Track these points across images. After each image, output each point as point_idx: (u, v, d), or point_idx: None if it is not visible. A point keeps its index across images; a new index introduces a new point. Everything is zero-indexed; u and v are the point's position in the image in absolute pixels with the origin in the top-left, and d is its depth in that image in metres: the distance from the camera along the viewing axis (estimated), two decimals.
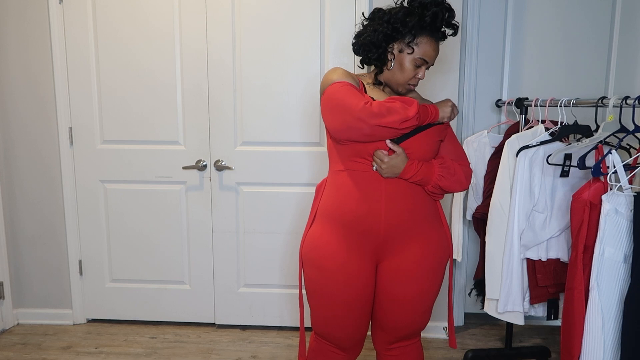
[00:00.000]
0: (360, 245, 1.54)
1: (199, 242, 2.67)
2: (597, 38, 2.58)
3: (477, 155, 2.45)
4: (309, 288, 1.62)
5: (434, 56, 1.54)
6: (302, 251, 1.64)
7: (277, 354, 2.46)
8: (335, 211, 1.56)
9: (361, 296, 1.57)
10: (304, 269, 1.64)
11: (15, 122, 2.62)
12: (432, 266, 1.58)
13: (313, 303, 1.63)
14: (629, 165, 1.57)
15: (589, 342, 1.50)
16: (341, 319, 1.59)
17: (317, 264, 1.57)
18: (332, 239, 1.55)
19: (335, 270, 1.54)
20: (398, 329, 1.62)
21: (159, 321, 2.78)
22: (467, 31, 2.52)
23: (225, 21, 2.46)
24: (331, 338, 1.64)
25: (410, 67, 1.52)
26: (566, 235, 1.98)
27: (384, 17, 1.52)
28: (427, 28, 1.49)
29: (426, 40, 1.51)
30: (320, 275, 1.57)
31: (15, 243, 2.72)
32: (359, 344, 1.68)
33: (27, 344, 2.55)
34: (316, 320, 1.65)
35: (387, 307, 1.59)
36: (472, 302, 2.73)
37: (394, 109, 1.40)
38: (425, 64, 1.53)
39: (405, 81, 1.55)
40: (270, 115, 2.52)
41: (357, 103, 1.40)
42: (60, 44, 2.53)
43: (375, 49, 1.53)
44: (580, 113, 2.11)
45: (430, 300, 1.62)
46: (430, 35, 1.51)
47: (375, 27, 1.52)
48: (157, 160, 2.61)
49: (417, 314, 1.60)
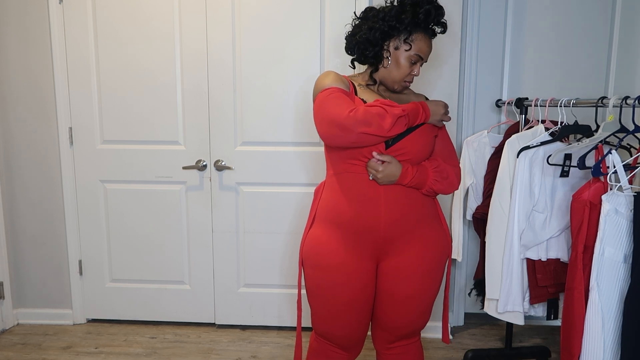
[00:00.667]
0: (359, 246, 1.54)
1: (199, 242, 2.67)
2: (597, 38, 2.58)
3: (477, 155, 2.45)
4: (310, 288, 1.63)
5: (428, 52, 1.57)
6: (302, 252, 1.65)
7: (277, 354, 2.46)
8: (334, 214, 1.57)
9: (361, 295, 1.57)
10: (305, 269, 1.65)
11: (15, 122, 2.62)
12: (431, 265, 1.58)
13: (314, 303, 1.64)
14: (629, 165, 1.57)
15: (589, 342, 1.50)
16: (341, 318, 1.59)
17: (317, 264, 1.58)
18: (332, 240, 1.56)
19: (334, 269, 1.55)
20: (398, 328, 1.62)
21: (159, 321, 2.78)
22: (467, 31, 2.52)
23: (225, 21, 2.46)
24: (332, 337, 1.64)
25: (406, 63, 1.55)
26: (566, 235, 1.98)
27: (378, 15, 1.54)
28: (420, 25, 1.52)
29: (420, 37, 1.53)
30: (321, 275, 1.58)
31: (15, 243, 2.72)
32: (359, 344, 1.68)
33: (27, 344, 2.55)
34: (317, 320, 1.65)
35: (386, 306, 1.60)
36: (472, 302, 2.73)
37: (378, 116, 1.40)
38: (420, 60, 1.56)
39: (401, 78, 1.57)
40: (270, 115, 2.52)
41: (342, 112, 1.41)
42: (60, 44, 2.53)
43: (372, 46, 1.55)
44: (580, 113, 2.11)
45: (430, 299, 1.63)
46: (424, 32, 1.54)
47: (371, 25, 1.54)
48: (157, 160, 2.61)
49: (416, 313, 1.61)
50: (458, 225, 2.47)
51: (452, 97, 2.42)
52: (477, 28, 2.56)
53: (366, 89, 1.61)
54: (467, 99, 2.59)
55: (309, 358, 1.73)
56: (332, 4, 2.42)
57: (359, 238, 1.54)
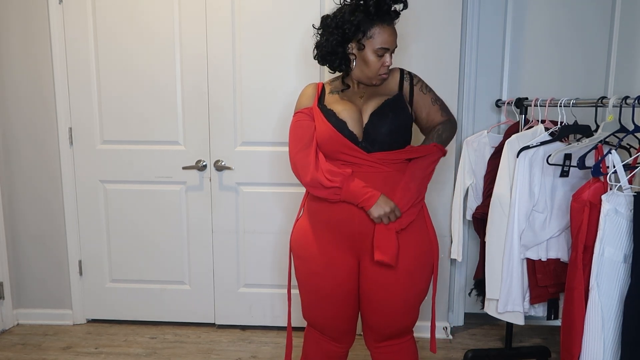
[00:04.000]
0: (337, 239, 1.59)
1: (199, 242, 2.67)
2: (597, 38, 2.58)
3: (477, 155, 2.45)
4: (297, 278, 1.71)
5: (392, 41, 1.56)
6: (290, 242, 1.73)
7: (277, 354, 2.45)
8: (315, 207, 1.63)
9: (343, 287, 1.61)
10: (293, 260, 1.72)
11: (15, 122, 2.62)
12: (410, 267, 1.57)
13: (301, 292, 1.71)
14: (629, 165, 1.57)
15: (589, 342, 1.50)
16: (325, 308, 1.65)
17: (301, 254, 1.66)
18: (315, 231, 1.62)
19: (314, 259, 1.61)
20: (382, 328, 1.64)
21: (159, 321, 2.78)
22: (467, 31, 2.52)
23: (225, 21, 2.46)
24: (319, 327, 1.70)
25: (374, 59, 1.55)
26: (566, 235, 1.98)
27: (331, 24, 1.55)
28: (374, 19, 1.51)
29: (379, 30, 1.52)
30: (304, 264, 1.65)
31: (15, 243, 2.72)
32: (349, 335, 1.72)
33: (27, 344, 2.55)
34: (305, 309, 1.73)
35: (368, 306, 1.63)
36: (472, 302, 2.73)
37: (304, 176, 1.58)
38: (387, 51, 1.55)
39: (375, 74, 1.58)
40: (270, 115, 2.52)
41: (293, 152, 1.63)
42: (60, 44, 2.53)
43: (335, 56, 1.58)
44: (580, 113, 2.11)
45: (413, 299, 1.61)
46: (380, 22, 1.52)
47: (327, 37, 1.57)
48: (157, 161, 2.61)
49: (397, 314, 1.60)
50: (458, 225, 2.46)
51: (452, 97, 2.41)
52: (477, 28, 2.56)
53: (334, 95, 1.65)
54: (467, 99, 2.59)
55: (303, 348, 1.80)
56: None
57: (337, 231, 1.58)
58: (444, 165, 2.50)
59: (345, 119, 1.56)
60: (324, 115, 1.58)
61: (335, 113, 1.58)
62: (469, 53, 2.54)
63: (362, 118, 1.58)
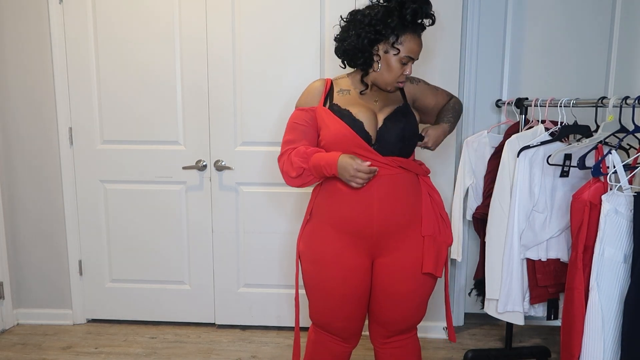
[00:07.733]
0: (354, 243, 1.59)
1: (198, 242, 2.67)
2: (597, 38, 2.58)
3: (477, 155, 2.45)
4: (307, 282, 1.69)
5: (418, 51, 1.57)
6: (298, 247, 1.71)
7: (277, 354, 2.46)
8: (329, 214, 1.61)
9: (357, 290, 1.62)
10: (302, 264, 1.70)
11: (15, 122, 2.62)
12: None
13: (311, 296, 1.69)
14: (629, 165, 1.57)
15: (589, 342, 1.50)
16: (338, 311, 1.64)
17: (314, 259, 1.64)
18: (328, 236, 1.61)
19: (331, 264, 1.60)
20: (393, 324, 1.66)
21: (158, 321, 2.78)
22: (467, 31, 2.52)
23: (225, 21, 2.46)
24: (330, 329, 1.70)
25: (397, 65, 1.55)
26: (566, 235, 1.98)
27: (364, 20, 1.53)
28: (408, 26, 1.51)
29: (409, 38, 1.53)
30: (318, 269, 1.63)
31: (15, 243, 2.72)
32: (357, 333, 1.73)
33: (27, 344, 2.55)
34: (315, 313, 1.71)
35: (382, 302, 1.64)
36: (472, 302, 2.73)
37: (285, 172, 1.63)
38: (411, 60, 1.57)
39: (393, 80, 1.58)
40: (270, 115, 2.52)
41: (281, 154, 1.64)
42: (60, 44, 2.53)
43: (361, 54, 1.56)
44: (580, 113, 2.11)
45: (425, 295, 1.66)
46: (412, 32, 1.53)
47: (358, 32, 1.53)
48: (157, 161, 2.61)
49: (411, 309, 1.65)
50: (458, 225, 2.46)
51: None
52: (477, 28, 2.56)
53: (345, 96, 1.62)
54: (467, 99, 2.59)
55: (308, 349, 1.78)
56: (332, 3, 2.41)
57: (354, 236, 1.58)
58: (444, 165, 2.50)
59: (363, 120, 1.56)
60: (338, 115, 1.57)
61: (351, 113, 1.57)
62: (469, 53, 2.54)
63: (377, 121, 1.58)
